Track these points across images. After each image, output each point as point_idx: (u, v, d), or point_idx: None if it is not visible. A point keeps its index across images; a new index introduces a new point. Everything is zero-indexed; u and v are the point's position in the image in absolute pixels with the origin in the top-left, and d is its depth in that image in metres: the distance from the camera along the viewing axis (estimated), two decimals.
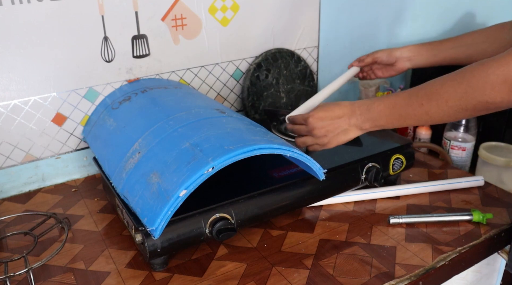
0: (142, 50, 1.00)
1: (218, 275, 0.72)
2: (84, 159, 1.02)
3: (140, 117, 0.84)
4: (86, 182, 1.01)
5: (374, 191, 0.91)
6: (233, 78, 1.14)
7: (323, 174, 0.77)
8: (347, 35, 1.29)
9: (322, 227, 0.83)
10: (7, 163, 0.94)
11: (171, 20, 1.01)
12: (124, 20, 0.95)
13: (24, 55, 0.88)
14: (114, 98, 0.96)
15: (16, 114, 0.91)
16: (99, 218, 0.88)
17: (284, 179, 0.81)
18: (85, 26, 0.92)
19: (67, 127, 0.97)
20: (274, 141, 0.71)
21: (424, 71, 1.28)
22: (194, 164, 0.64)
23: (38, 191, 0.98)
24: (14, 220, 0.87)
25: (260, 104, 1.16)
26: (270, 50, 1.16)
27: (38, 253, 0.78)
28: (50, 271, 0.74)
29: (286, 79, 1.19)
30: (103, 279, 0.72)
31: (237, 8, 1.08)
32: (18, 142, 0.93)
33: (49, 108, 0.94)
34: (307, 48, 1.23)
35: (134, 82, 1.00)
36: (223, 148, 0.65)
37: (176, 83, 1.04)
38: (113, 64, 0.98)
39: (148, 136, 0.75)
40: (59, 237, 0.82)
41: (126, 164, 0.74)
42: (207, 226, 0.71)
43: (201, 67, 1.09)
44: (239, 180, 0.81)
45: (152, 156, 0.70)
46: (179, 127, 0.74)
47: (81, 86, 0.96)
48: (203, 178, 0.63)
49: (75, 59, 0.93)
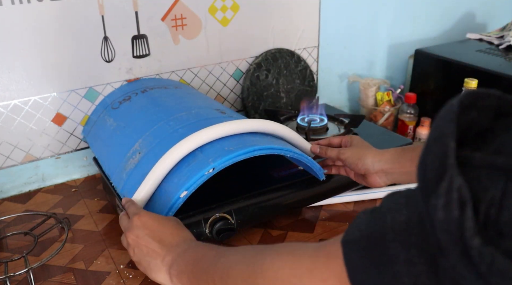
0: (142, 50, 1.00)
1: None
2: (84, 159, 1.02)
3: (140, 117, 0.84)
4: (86, 182, 1.01)
5: (374, 191, 0.91)
6: (233, 78, 1.14)
7: (323, 174, 0.77)
8: (347, 35, 1.29)
9: (322, 227, 0.84)
10: (7, 163, 0.94)
11: (171, 20, 1.01)
12: (124, 20, 0.95)
13: (24, 55, 0.88)
14: (114, 98, 0.96)
15: (16, 114, 0.91)
16: (99, 218, 0.88)
17: (284, 179, 0.81)
18: (85, 26, 0.92)
19: (67, 127, 0.97)
20: (274, 141, 0.71)
21: (425, 71, 1.29)
22: (194, 165, 0.64)
23: (38, 191, 0.98)
24: (14, 220, 0.87)
25: (260, 104, 1.16)
26: (270, 50, 1.16)
27: (38, 253, 0.78)
28: (50, 271, 0.74)
29: (286, 79, 1.19)
30: (103, 279, 0.72)
31: (237, 8, 1.08)
32: (18, 142, 0.93)
33: (49, 108, 0.94)
34: (307, 48, 1.23)
35: (134, 82, 1.00)
36: (223, 149, 0.65)
37: (176, 83, 1.04)
38: (113, 64, 0.97)
39: (149, 136, 0.75)
40: (59, 237, 0.82)
41: (127, 164, 0.74)
42: (207, 226, 0.71)
43: (201, 67, 1.09)
44: (239, 180, 0.81)
45: (153, 157, 0.70)
46: (179, 127, 0.74)
47: (81, 86, 0.96)
48: (204, 179, 0.63)
49: (75, 59, 0.93)
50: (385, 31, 1.36)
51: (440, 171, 0.27)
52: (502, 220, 0.25)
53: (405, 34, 1.41)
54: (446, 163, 0.27)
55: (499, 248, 0.25)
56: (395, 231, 0.31)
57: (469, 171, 0.27)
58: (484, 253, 0.25)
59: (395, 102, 1.27)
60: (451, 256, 0.26)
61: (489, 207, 0.26)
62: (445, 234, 0.26)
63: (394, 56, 1.41)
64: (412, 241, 0.30)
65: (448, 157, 0.27)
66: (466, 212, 0.26)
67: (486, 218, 0.26)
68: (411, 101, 1.22)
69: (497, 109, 0.30)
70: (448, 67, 1.21)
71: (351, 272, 0.35)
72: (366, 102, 1.28)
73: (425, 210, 0.28)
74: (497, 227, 0.25)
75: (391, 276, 0.31)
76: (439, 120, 0.29)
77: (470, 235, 0.25)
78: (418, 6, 1.40)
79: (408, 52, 1.38)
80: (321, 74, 1.29)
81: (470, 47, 1.31)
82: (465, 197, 0.26)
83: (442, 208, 0.26)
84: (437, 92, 1.26)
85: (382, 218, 0.33)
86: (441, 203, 0.26)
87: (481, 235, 0.25)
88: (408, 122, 1.23)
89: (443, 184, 0.26)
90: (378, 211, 0.34)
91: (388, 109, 1.25)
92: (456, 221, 0.26)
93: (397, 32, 1.39)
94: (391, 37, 1.38)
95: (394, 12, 1.35)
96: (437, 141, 0.28)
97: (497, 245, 0.25)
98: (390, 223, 0.32)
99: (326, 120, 1.00)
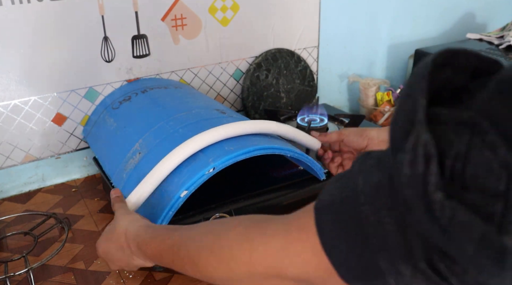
0: (142, 50, 1.00)
1: None
2: (84, 159, 1.02)
3: (141, 117, 0.84)
4: (86, 182, 1.01)
5: None
6: (233, 78, 1.14)
7: (323, 174, 0.77)
8: (347, 35, 1.29)
9: None
10: (7, 163, 0.94)
11: (171, 20, 1.01)
12: (124, 20, 0.95)
13: (24, 55, 0.88)
14: (114, 98, 0.96)
15: (16, 114, 0.91)
16: (99, 218, 0.88)
17: (284, 179, 0.81)
18: (85, 26, 0.92)
19: (67, 127, 0.97)
20: (274, 141, 0.71)
21: None
22: (194, 165, 0.64)
23: (38, 191, 0.98)
24: (14, 220, 0.87)
25: (260, 104, 1.16)
26: (270, 50, 1.16)
27: (38, 253, 0.78)
28: (50, 271, 0.74)
29: (286, 79, 1.19)
30: (103, 279, 0.72)
31: (237, 8, 1.08)
32: (18, 142, 0.93)
33: (49, 108, 0.94)
34: (307, 48, 1.23)
35: (134, 82, 1.00)
36: (223, 149, 0.65)
37: (176, 83, 1.04)
38: (113, 64, 0.97)
39: (149, 136, 0.75)
40: (59, 237, 0.82)
41: (127, 164, 0.74)
42: None
43: (201, 67, 1.09)
44: (239, 180, 0.81)
45: (153, 157, 0.70)
46: (179, 127, 0.74)
47: (81, 86, 0.96)
48: (204, 179, 0.63)
49: (75, 59, 0.93)
50: (385, 31, 1.36)
51: (408, 127, 0.27)
52: (467, 174, 0.25)
53: (405, 34, 1.41)
54: (414, 119, 0.27)
55: (463, 202, 0.25)
56: (365, 193, 0.31)
57: (437, 127, 0.27)
58: (446, 206, 0.25)
59: (395, 102, 1.27)
60: (416, 212, 0.27)
61: (454, 161, 0.26)
62: (410, 189, 0.26)
63: (394, 56, 1.41)
64: (382, 202, 0.30)
65: (417, 113, 0.27)
66: (430, 167, 0.26)
67: (452, 172, 0.26)
68: None
69: (475, 69, 0.29)
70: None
71: (324, 239, 0.34)
72: (366, 102, 1.28)
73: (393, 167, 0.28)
74: (462, 181, 0.26)
75: (362, 240, 0.31)
76: (411, 77, 0.29)
77: (433, 189, 0.25)
78: (418, 6, 1.40)
79: (408, 52, 1.38)
80: (321, 74, 1.29)
81: (470, 47, 1.30)
82: (431, 153, 0.26)
83: (408, 164, 0.26)
84: None
85: (354, 181, 0.32)
86: (407, 158, 0.26)
87: (445, 190, 0.26)
88: None
89: (409, 140, 0.26)
90: (349, 175, 0.34)
91: (388, 109, 1.25)
92: (420, 176, 0.26)
93: (397, 32, 1.38)
94: (391, 37, 1.38)
95: (394, 12, 1.35)
96: (407, 98, 0.28)
97: (461, 199, 0.25)
98: (361, 186, 0.32)
99: (326, 120, 1.00)
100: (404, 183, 0.27)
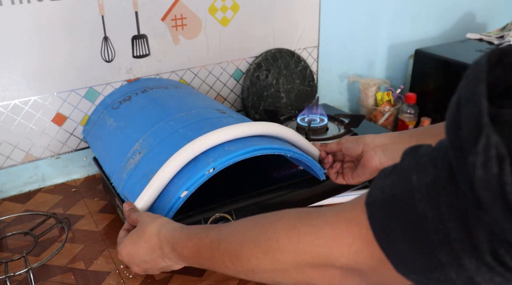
0: (142, 50, 1.00)
1: (218, 275, 0.72)
2: (84, 159, 1.02)
3: (141, 117, 0.84)
4: (86, 182, 1.01)
5: None
6: (233, 78, 1.14)
7: (323, 174, 0.77)
8: (347, 35, 1.29)
9: None
10: (7, 163, 0.94)
11: (171, 20, 1.01)
12: (124, 20, 0.95)
13: (24, 55, 0.88)
14: (114, 98, 0.96)
15: (16, 114, 0.91)
16: (99, 218, 0.88)
17: (284, 179, 0.81)
18: (85, 26, 0.92)
19: (67, 127, 0.97)
20: (274, 141, 0.71)
21: (425, 71, 1.29)
22: (195, 165, 0.64)
23: (38, 191, 0.98)
24: (14, 220, 0.87)
25: (260, 104, 1.16)
26: (270, 50, 1.16)
27: (38, 253, 0.78)
28: (50, 271, 0.74)
29: (286, 79, 1.19)
30: (103, 279, 0.72)
31: (237, 8, 1.08)
32: (18, 142, 0.93)
33: (49, 108, 0.94)
34: (307, 48, 1.23)
35: (134, 82, 1.00)
36: (223, 149, 0.65)
37: (176, 83, 1.04)
38: (113, 64, 0.97)
39: (149, 136, 0.75)
40: (59, 237, 0.82)
41: (127, 164, 0.74)
42: None
43: (201, 67, 1.09)
44: (239, 180, 0.81)
45: (153, 157, 0.70)
46: (179, 127, 0.74)
47: (81, 86, 0.96)
48: (204, 179, 0.63)
49: (75, 59, 0.93)
50: (385, 31, 1.36)
51: (476, 130, 0.28)
52: None
53: (405, 34, 1.41)
54: (481, 122, 0.28)
55: None
56: (421, 190, 0.32)
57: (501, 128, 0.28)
58: None
59: (395, 102, 1.27)
60: (493, 211, 0.28)
61: None
62: (486, 190, 0.27)
63: (394, 56, 1.41)
64: (441, 199, 0.31)
65: (483, 117, 0.28)
66: (504, 168, 0.27)
67: None
68: (411, 101, 1.22)
69: None
70: (448, 67, 1.21)
71: (377, 232, 0.36)
72: (366, 102, 1.28)
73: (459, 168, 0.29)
74: None
75: (419, 235, 0.32)
76: (467, 80, 0.30)
77: (510, 189, 0.26)
78: (418, 6, 1.40)
79: (408, 52, 1.38)
80: (321, 74, 1.29)
81: (470, 47, 1.31)
82: (503, 153, 0.27)
83: (481, 166, 0.27)
84: (437, 92, 1.26)
85: (407, 179, 0.34)
86: (480, 161, 0.27)
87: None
88: (408, 122, 1.23)
89: (480, 143, 0.27)
90: (400, 171, 0.35)
91: (388, 109, 1.25)
92: (495, 177, 0.27)
93: (397, 32, 1.39)
94: (391, 37, 1.38)
95: (394, 12, 1.35)
96: (469, 101, 0.29)
97: None
98: (416, 183, 0.33)
99: (326, 120, 1.00)
100: (478, 184, 0.28)
